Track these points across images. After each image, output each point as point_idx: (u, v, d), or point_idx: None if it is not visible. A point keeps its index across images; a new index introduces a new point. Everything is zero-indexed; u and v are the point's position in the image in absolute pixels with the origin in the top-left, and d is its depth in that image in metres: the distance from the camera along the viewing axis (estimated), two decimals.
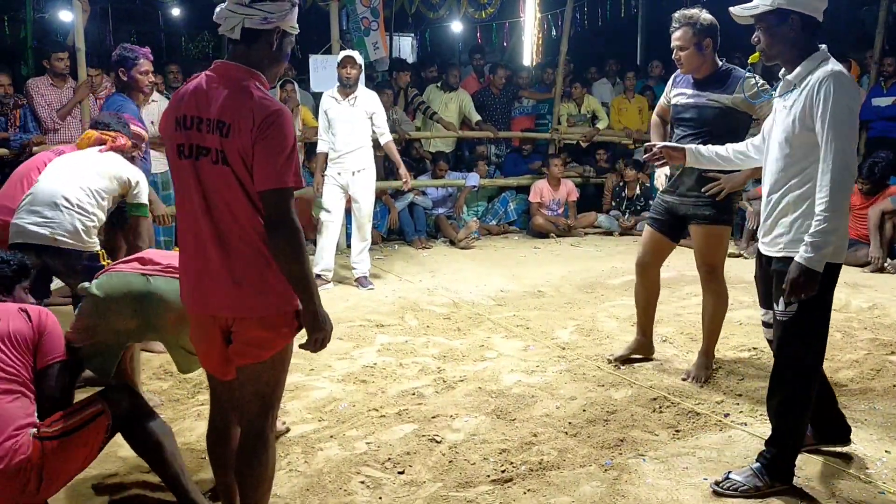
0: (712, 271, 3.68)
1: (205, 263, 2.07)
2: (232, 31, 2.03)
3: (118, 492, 2.69)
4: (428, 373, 3.84)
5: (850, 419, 3.22)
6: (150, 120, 6.14)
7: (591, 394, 3.56)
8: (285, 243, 1.97)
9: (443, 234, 7.62)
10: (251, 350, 2.09)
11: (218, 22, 2.06)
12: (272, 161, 1.94)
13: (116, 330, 2.55)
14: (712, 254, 3.65)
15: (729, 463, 2.86)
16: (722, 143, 3.21)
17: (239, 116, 1.96)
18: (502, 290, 5.56)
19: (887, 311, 4.82)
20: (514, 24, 10.46)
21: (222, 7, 2.03)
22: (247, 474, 2.16)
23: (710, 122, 3.49)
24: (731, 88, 3.43)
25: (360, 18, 7.74)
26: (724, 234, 3.63)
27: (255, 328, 2.07)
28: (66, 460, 2.19)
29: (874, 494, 2.63)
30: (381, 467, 2.87)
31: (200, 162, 2.01)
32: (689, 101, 3.57)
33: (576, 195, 8.04)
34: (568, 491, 2.68)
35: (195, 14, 12.31)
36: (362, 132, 5.55)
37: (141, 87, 4.26)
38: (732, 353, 4.11)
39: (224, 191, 2.00)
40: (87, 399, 2.31)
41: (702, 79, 3.54)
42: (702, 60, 3.49)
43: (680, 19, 3.49)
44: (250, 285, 2.04)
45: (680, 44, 3.49)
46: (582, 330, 4.58)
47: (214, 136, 1.98)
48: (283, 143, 1.95)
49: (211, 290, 2.08)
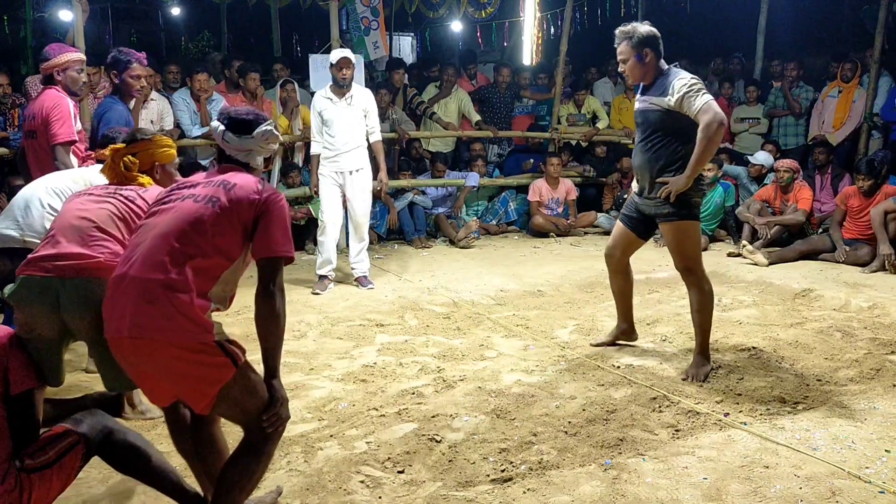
0: (688, 267, 3.79)
1: (124, 289, 2.13)
2: (257, 163, 2.42)
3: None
4: (428, 372, 3.84)
5: (850, 419, 3.24)
6: (149, 119, 6.16)
7: (591, 393, 3.56)
8: (269, 307, 2.18)
9: (442, 234, 7.61)
10: (197, 389, 2.14)
11: (235, 150, 2.39)
12: (271, 232, 2.21)
13: (47, 335, 2.41)
14: (682, 249, 3.77)
15: (728, 462, 2.86)
16: (672, 143, 3.62)
17: (246, 186, 2.24)
18: (502, 289, 5.56)
19: (887, 311, 4.82)
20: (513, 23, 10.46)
21: (248, 141, 2.36)
22: (227, 473, 2.23)
23: (655, 124, 3.68)
24: (665, 91, 3.61)
25: (360, 18, 7.75)
26: (689, 228, 3.75)
27: (173, 356, 2.09)
28: (48, 490, 2.16)
29: (874, 494, 2.63)
30: (381, 467, 2.87)
31: (182, 203, 2.22)
32: (639, 107, 3.80)
33: (575, 194, 8.03)
34: (568, 490, 2.68)
35: (195, 14, 12.30)
36: (359, 131, 5.54)
37: (131, 91, 4.28)
38: (732, 352, 4.11)
39: (188, 223, 2.16)
40: (59, 429, 2.23)
41: (648, 85, 3.75)
42: (644, 70, 3.70)
43: (619, 35, 3.71)
44: (163, 307, 2.08)
45: (622, 57, 3.72)
46: (582, 329, 4.58)
47: (215, 189, 2.23)
48: (281, 219, 2.24)
49: (123, 312, 2.11)
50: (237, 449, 2.28)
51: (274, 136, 2.39)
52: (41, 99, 3.95)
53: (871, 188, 6.23)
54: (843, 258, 6.22)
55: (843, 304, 5.04)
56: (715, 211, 7.29)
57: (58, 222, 2.55)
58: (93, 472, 2.73)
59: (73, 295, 2.38)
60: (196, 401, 2.17)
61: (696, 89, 3.50)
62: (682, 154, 3.62)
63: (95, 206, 2.58)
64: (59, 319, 2.39)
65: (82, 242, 2.46)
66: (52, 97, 3.90)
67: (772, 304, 5.08)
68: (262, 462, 2.25)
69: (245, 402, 2.19)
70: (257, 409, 2.21)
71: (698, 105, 3.48)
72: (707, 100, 3.49)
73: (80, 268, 2.42)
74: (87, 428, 2.25)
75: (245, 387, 2.18)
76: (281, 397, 2.23)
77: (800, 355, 4.04)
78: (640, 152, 3.77)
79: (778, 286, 5.55)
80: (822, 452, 2.93)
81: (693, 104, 3.49)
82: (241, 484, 2.22)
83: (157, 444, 2.93)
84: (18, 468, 2.11)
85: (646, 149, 3.73)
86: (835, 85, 7.79)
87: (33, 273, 2.43)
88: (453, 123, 7.95)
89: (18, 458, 2.13)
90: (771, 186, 7.10)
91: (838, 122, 7.66)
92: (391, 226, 7.40)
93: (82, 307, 2.38)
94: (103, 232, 2.51)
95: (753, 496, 2.63)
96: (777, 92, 8.13)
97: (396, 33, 12.24)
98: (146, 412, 3.29)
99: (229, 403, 2.17)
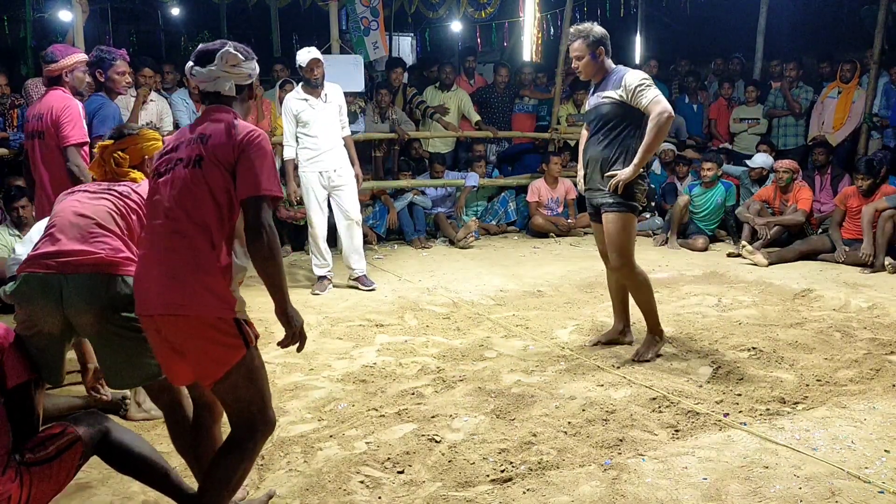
0: (617, 258, 3.94)
1: (148, 268, 2.20)
2: (226, 89, 2.33)
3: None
4: (427, 372, 3.84)
5: (849, 419, 3.23)
6: (149, 120, 6.16)
7: (591, 393, 3.56)
8: (262, 244, 2.14)
9: (442, 234, 7.61)
10: (205, 370, 2.19)
11: (201, 83, 2.33)
12: (252, 171, 2.16)
13: (49, 332, 2.43)
14: (613, 239, 3.92)
15: (728, 462, 2.86)
16: (622, 134, 3.82)
17: (221, 132, 2.20)
18: (502, 289, 5.56)
19: (887, 311, 4.82)
20: (513, 23, 10.47)
21: (211, 69, 2.29)
22: (213, 471, 2.25)
23: (607, 115, 3.87)
24: (617, 85, 3.81)
25: (359, 18, 7.75)
26: (625, 220, 3.90)
27: (191, 332, 2.14)
28: (48, 485, 2.16)
29: (874, 494, 2.63)
30: (381, 467, 2.87)
31: (175, 171, 2.21)
32: (591, 104, 4.00)
33: (574, 194, 8.02)
34: (567, 490, 2.68)
35: (195, 14, 12.30)
36: (338, 128, 5.48)
37: (117, 88, 4.29)
38: (732, 352, 4.11)
39: (189, 191, 2.17)
40: (58, 427, 2.23)
41: (598, 83, 3.97)
42: (596, 67, 3.91)
43: (574, 34, 3.90)
44: (184, 282, 2.13)
45: (577, 54, 3.91)
46: (581, 329, 4.58)
47: (194, 146, 2.21)
48: (262, 156, 2.19)
49: (148, 290, 2.19)
50: (223, 445, 2.29)
51: (233, 55, 2.30)
52: (48, 100, 3.95)
53: (870, 188, 6.24)
54: (842, 258, 6.23)
55: (843, 304, 5.04)
56: (715, 210, 7.30)
57: (56, 220, 2.55)
58: (93, 472, 2.73)
59: (76, 290, 2.39)
60: (203, 378, 2.23)
61: (646, 84, 3.75)
62: (631, 147, 3.83)
63: (92, 203, 2.58)
64: (62, 316, 2.41)
65: (83, 239, 2.47)
66: (61, 98, 3.91)
67: (772, 304, 5.09)
68: (246, 458, 2.24)
69: (242, 389, 2.21)
70: (251, 398, 2.23)
71: (650, 97, 3.72)
72: (657, 93, 3.75)
73: (83, 263, 2.43)
74: (86, 427, 2.25)
75: (248, 373, 2.21)
76: (296, 325, 2.26)
77: (800, 355, 4.04)
78: (592, 145, 3.96)
79: (778, 286, 5.55)
80: (822, 452, 2.93)
81: (645, 96, 3.73)
82: (227, 480, 2.23)
83: (157, 444, 2.94)
84: (19, 462, 2.12)
85: (597, 142, 3.91)
86: (834, 85, 7.79)
87: (35, 270, 2.44)
88: (453, 124, 7.95)
89: (19, 453, 2.14)
90: (770, 187, 7.10)
91: (838, 123, 7.67)
92: (391, 226, 7.40)
93: (86, 302, 2.39)
94: (103, 228, 2.51)
95: (753, 496, 2.63)
96: (777, 92, 8.13)
97: (396, 33, 12.24)
98: (150, 410, 3.30)
99: (228, 386, 2.20)
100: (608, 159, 3.87)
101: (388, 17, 9.18)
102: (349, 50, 7.62)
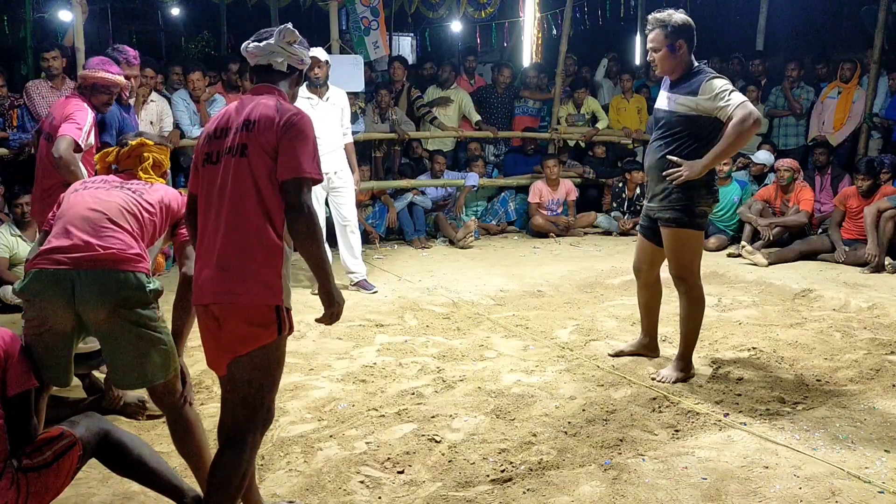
0: (680, 276, 3.67)
1: (206, 259, 2.23)
2: (279, 62, 2.35)
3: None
4: (427, 372, 3.84)
5: (849, 419, 3.23)
6: (149, 120, 6.16)
7: (591, 393, 3.56)
8: (303, 225, 2.15)
9: (442, 234, 7.61)
10: (231, 344, 2.19)
11: (256, 56, 2.35)
12: (293, 154, 2.17)
13: (59, 330, 2.39)
14: (676, 257, 3.64)
15: (728, 462, 2.86)
16: (688, 147, 3.45)
17: (265, 116, 2.21)
18: (502, 289, 5.56)
19: (887, 311, 4.82)
20: (513, 23, 10.47)
21: (269, 42, 2.32)
22: (214, 473, 2.23)
23: (675, 125, 3.53)
24: (694, 91, 3.44)
25: (359, 18, 7.74)
26: (688, 238, 3.60)
27: (236, 319, 2.17)
28: (45, 490, 2.15)
29: (874, 494, 2.63)
30: (381, 467, 2.87)
31: (223, 161, 2.24)
32: (662, 106, 3.62)
33: (575, 194, 8.03)
34: (567, 490, 2.68)
35: (195, 14, 12.29)
36: (339, 131, 5.42)
37: (122, 94, 4.28)
38: (732, 353, 4.11)
39: (237, 182, 2.19)
40: (56, 430, 2.22)
41: (675, 80, 3.57)
42: (675, 62, 3.51)
43: (653, 21, 3.51)
44: (234, 271, 2.16)
45: (654, 45, 3.52)
46: (581, 330, 4.57)
47: (240, 134, 2.22)
48: (304, 139, 2.20)
49: (203, 280, 2.22)
50: (221, 445, 2.26)
51: (291, 31, 2.32)
52: (65, 102, 3.96)
53: (870, 188, 6.24)
54: (842, 259, 6.23)
55: (843, 304, 5.04)
56: (733, 208, 7.19)
57: (67, 214, 2.50)
58: (93, 473, 2.73)
59: (89, 287, 2.35)
60: (227, 350, 2.22)
61: (729, 89, 3.39)
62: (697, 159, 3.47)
63: (104, 198, 2.56)
64: (73, 312, 2.36)
65: (95, 234, 2.43)
66: (76, 104, 3.90)
67: (772, 305, 5.09)
68: (246, 455, 2.22)
69: (259, 371, 2.20)
70: (262, 383, 2.22)
71: (735, 101, 3.34)
72: (744, 99, 3.38)
73: (97, 259, 2.38)
74: (84, 430, 2.24)
75: (270, 357, 2.22)
76: (338, 304, 2.25)
77: (799, 355, 4.04)
78: (653, 152, 3.63)
79: (778, 286, 5.55)
80: (822, 452, 2.93)
81: (729, 102, 3.35)
82: (231, 479, 2.20)
83: (157, 444, 2.95)
84: (16, 468, 2.10)
85: (659, 148, 3.58)
86: (834, 86, 7.79)
87: (45, 266, 2.38)
88: (454, 127, 7.95)
89: (16, 458, 2.12)
90: (771, 186, 7.09)
91: (838, 123, 7.66)
92: (391, 225, 7.40)
93: (99, 299, 2.34)
94: (115, 224, 2.48)
95: (753, 496, 2.63)
96: (777, 92, 8.13)
97: (396, 33, 12.24)
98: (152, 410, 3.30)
99: (246, 364, 2.19)
100: (667, 169, 3.51)
101: (388, 17, 9.16)
102: (349, 50, 7.62)
